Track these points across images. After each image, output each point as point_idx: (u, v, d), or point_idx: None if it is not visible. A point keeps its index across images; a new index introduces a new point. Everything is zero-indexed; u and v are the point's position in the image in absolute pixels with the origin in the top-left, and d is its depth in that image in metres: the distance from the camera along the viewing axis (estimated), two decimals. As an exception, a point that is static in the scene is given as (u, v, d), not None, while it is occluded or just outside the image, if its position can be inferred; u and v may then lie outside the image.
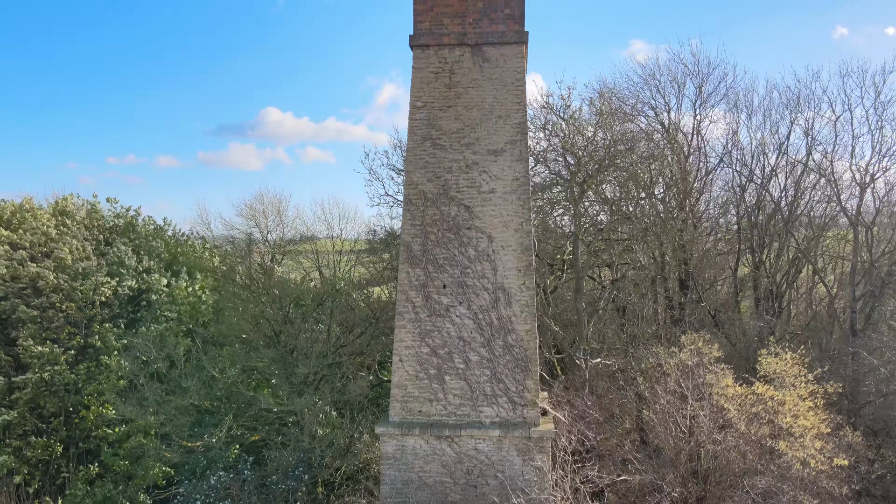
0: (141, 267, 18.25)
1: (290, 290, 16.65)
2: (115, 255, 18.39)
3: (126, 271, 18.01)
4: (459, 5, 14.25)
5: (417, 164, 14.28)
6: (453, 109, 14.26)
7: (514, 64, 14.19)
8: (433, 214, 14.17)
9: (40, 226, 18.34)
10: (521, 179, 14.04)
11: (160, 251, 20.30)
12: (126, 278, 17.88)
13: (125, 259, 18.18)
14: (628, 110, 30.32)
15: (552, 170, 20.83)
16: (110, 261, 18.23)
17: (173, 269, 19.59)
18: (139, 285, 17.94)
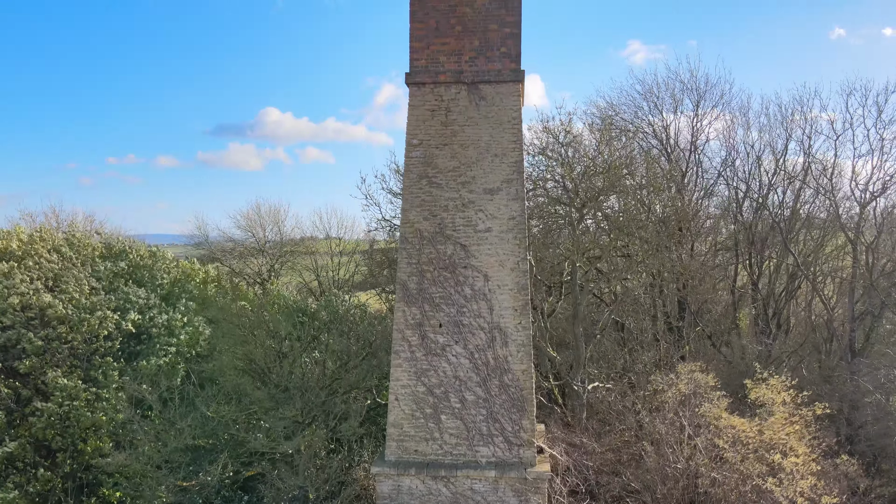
0: (146, 302, 18.26)
1: (283, 324, 16.58)
2: (123, 291, 18.43)
3: (132, 306, 18.06)
4: (456, 43, 14.22)
5: (414, 203, 14.27)
6: (449, 147, 14.24)
7: (510, 102, 14.15)
8: (429, 253, 14.16)
9: (47, 261, 18.32)
10: (518, 218, 14.02)
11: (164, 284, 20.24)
12: (131, 313, 17.93)
13: (132, 296, 18.23)
14: (628, 125, 30.41)
15: (551, 194, 20.78)
16: (118, 296, 18.29)
17: (172, 301, 19.61)
18: (142, 321, 17.98)
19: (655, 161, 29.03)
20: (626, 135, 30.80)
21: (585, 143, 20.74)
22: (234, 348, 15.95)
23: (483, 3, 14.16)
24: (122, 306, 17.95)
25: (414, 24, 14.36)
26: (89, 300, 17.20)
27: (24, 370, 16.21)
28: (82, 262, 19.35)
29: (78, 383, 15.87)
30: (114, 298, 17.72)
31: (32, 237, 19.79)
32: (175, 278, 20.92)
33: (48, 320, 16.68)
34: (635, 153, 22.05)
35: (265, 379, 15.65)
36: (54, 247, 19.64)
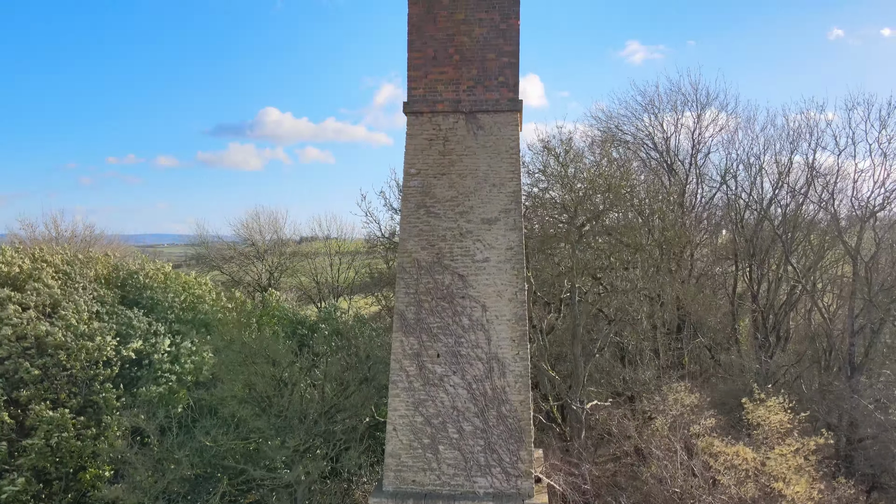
0: (149, 328, 18.17)
1: (282, 350, 16.55)
2: (126, 317, 18.35)
3: (134, 332, 18.01)
4: (453, 72, 14.19)
5: (411, 232, 14.24)
6: (447, 177, 14.21)
7: (508, 132, 14.12)
8: (427, 283, 14.14)
9: (46, 286, 18.21)
10: (515, 249, 14.00)
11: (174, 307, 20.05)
12: (133, 339, 17.88)
13: (135, 322, 18.17)
14: (628, 137, 30.38)
15: (551, 213, 20.75)
16: (120, 321, 18.23)
17: (181, 328, 19.52)
18: (144, 347, 17.93)
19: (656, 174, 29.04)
20: (627, 146, 30.84)
21: (586, 161, 20.64)
22: (235, 375, 15.93)
23: (481, 32, 14.13)
24: (123, 331, 17.90)
25: (412, 54, 14.33)
26: (89, 326, 17.16)
27: (23, 400, 16.20)
28: (83, 286, 19.25)
29: (65, 413, 15.85)
30: (115, 326, 17.64)
31: (35, 258, 19.61)
32: (186, 304, 20.71)
33: (45, 348, 16.66)
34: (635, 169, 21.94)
35: (265, 407, 15.65)
36: (55, 271, 19.51)
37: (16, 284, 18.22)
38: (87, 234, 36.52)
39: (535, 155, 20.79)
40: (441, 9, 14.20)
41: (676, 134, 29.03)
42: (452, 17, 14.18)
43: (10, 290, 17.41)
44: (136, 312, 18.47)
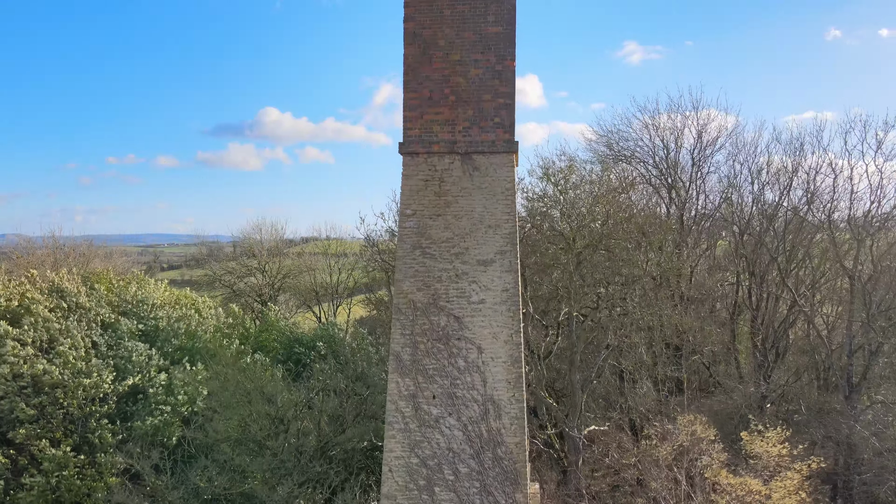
0: (147, 361, 18.10)
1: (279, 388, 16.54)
2: (125, 349, 18.30)
3: (132, 367, 17.98)
4: (449, 113, 14.17)
5: (407, 273, 14.24)
6: (443, 218, 14.20)
7: (503, 173, 14.11)
8: (423, 324, 14.14)
9: (43, 320, 18.15)
10: (511, 290, 13.99)
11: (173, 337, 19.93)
12: (130, 374, 17.85)
13: (134, 356, 18.14)
14: (628, 155, 30.37)
15: (548, 239, 20.73)
16: (118, 353, 18.20)
17: (177, 356, 19.47)
18: (141, 381, 17.90)
19: (656, 190, 29.03)
20: (627, 160, 30.82)
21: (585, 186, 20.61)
22: (231, 413, 15.93)
23: (477, 73, 14.11)
24: (121, 365, 17.89)
25: (408, 94, 14.31)
26: (86, 363, 17.15)
27: (19, 440, 16.22)
28: (79, 318, 19.20)
29: (67, 451, 15.85)
30: (112, 363, 17.60)
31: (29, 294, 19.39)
32: (186, 332, 20.55)
33: (42, 386, 16.68)
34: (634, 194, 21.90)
35: (260, 448, 15.67)
36: (51, 303, 19.43)
37: (12, 317, 18.22)
38: (86, 249, 36.48)
39: (536, 180, 20.75)
40: (437, 49, 14.18)
41: (677, 151, 29.04)
42: (448, 57, 14.16)
43: (7, 325, 17.40)
44: (135, 345, 18.42)
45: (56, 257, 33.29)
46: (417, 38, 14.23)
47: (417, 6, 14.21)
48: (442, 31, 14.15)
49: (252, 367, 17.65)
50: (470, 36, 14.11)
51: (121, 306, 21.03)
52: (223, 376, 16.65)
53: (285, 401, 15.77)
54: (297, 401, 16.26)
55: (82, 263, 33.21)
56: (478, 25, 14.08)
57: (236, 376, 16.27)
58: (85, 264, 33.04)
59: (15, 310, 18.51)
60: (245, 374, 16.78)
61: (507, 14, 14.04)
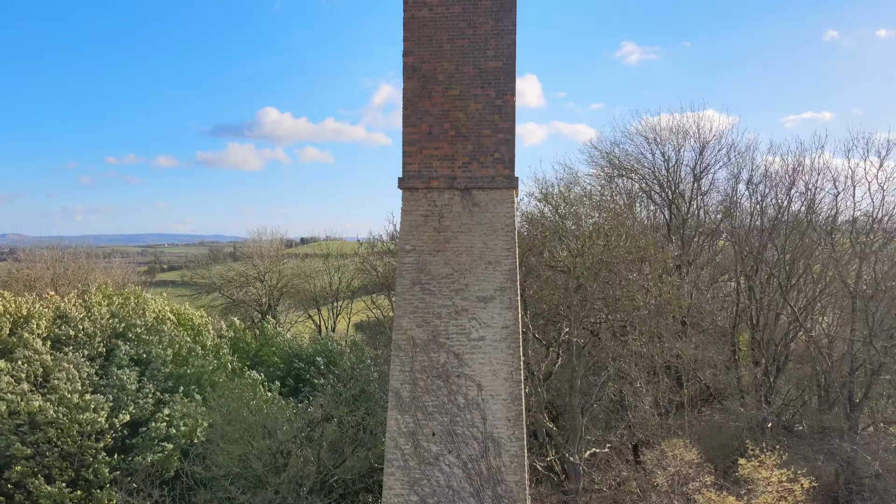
0: (141, 392, 17.93)
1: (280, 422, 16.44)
2: (116, 378, 18.12)
3: (126, 397, 17.82)
4: (448, 148, 14.07)
5: (406, 309, 14.15)
6: (443, 254, 14.11)
7: (503, 209, 14.01)
8: (422, 361, 14.06)
9: (36, 352, 17.99)
10: (511, 328, 13.91)
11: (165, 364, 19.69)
12: (126, 404, 17.67)
13: (126, 384, 17.97)
14: (629, 171, 30.28)
15: (549, 263, 20.60)
16: (111, 383, 18.04)
17: (171, 384, 19.30)
18: (138, 412, 17.74)
19: (658, 207, 28.93)
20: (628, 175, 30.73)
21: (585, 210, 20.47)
22: (231, 448, 15.83)
23: (477, 108, 14.01)
24: (115, 395, 17.76)
25: (407, 129, 14.21)
26: (82, 398, 17.03)
27: (15, 478, 16.11)
28: (76, 345, 19.06)
29: (63, 488, 15.74)
30: (110, 397, 17.42)
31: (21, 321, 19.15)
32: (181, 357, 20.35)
33: (37, 424, 16.57)
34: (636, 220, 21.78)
35: (261, 483, 15.58)
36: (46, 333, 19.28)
37: (4, 350, 18.07)
38: (86, 261, 36.34)
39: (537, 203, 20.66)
40: (436, 84, 14.07)
41: (678, 166, 28.95)
42: (447, 92, 14.06)
43: (1, 362, 17.22)
44: (128, 373, 18.26)
45: (55, 271, 33.19)
46: (416, 72, 14.13)
47: (416, 40, 14.10)
48: (441, 65, 14.05)
49: (252, 397, 17.51)
50: (469, 70, 14.01)
51: (117, 330, 20.87)
52: (224, 408, 16.54)
53: (286, 434, 15.69)
54: (298, 432, 16.16)
55: (81, 277, 33.12)
56: (477, 60, 13.98)
57: (238, 409, 16.15)
58: (84, 278, 32.93)
59: (7, 340, 18.36)
60: (246, 404, 16.65)
61: (506, 49, 13.93)
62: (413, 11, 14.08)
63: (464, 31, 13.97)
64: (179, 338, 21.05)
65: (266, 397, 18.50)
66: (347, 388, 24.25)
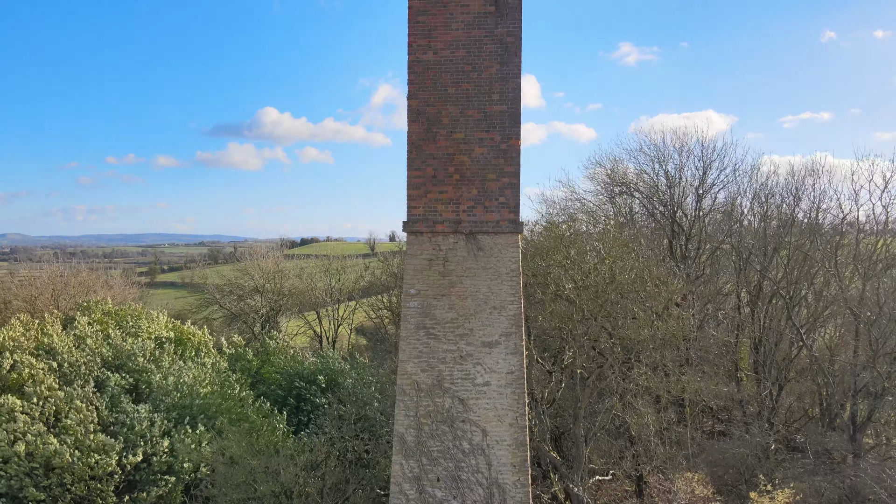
0: (150, 433, 17.73)
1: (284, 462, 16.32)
2: (124, 415, 17.92)
3: (135, 437, 17.65)
4: (453, 192, 13.99)
5: (411, 354, 14.10)
6: (447, 298, 14.05)
7: (508, 254, 13.94)
8: (427, 405, 14.01)
9: (49, 389, 17.76)
10: (516, 373, 13.85)
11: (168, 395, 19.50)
12: (136, 443, 17.48)
13: (135, 423, 17.83)
14: (631, 188, 30.19)
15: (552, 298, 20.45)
16: (121, 419, 17.90)
17: (175, 414, 19.16)
18: (145, 448, 17.59)
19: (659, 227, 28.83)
20: (630, 192, 30.65)
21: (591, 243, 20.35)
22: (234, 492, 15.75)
23: (481, 152, 13.93)
24: (121, 432, 17.62)
25: (411, 172, 14.13)
26: (94, 439, 16.83)
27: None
28: (84, 379, 18.87)
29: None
30: (121, 439, 17.23)
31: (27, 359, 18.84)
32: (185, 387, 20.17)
33: (52, 467, 16.42)
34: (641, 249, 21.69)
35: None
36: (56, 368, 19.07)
37: (13, 386, 17.95)
38: (87, 276, 36.25)
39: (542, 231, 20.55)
40: (441, 128, 13.99)
41: (681, 187, 28.87)
42: (452, 136, 13.98)
43: (15, 398, 17.07)
44: (136, 410, 18.13)
45: (55, 286, 33.10)
46: (421, 115, 14.04)
47: (421, 84, 14.01)
48: (446, 108, 13.97)
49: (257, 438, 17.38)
50: (474, 114, 13.92)
51: (114, 362, 20.74)
52: (229, 451, 16.45)
53: (290, 473, 15.64)
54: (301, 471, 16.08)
55: (83, 293, 33.02)
56: (482, 104, 13.89)
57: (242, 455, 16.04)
58: (85, 294, 32.82)
59: (17, 379, 18.17)
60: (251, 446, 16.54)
61: (511, 93, 13.84)
62: (418, 55, 13.99)
63: (468, 74, 13.88)
64: (182, 365, 20.95)
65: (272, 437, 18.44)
66: (348, 409, 24.22)
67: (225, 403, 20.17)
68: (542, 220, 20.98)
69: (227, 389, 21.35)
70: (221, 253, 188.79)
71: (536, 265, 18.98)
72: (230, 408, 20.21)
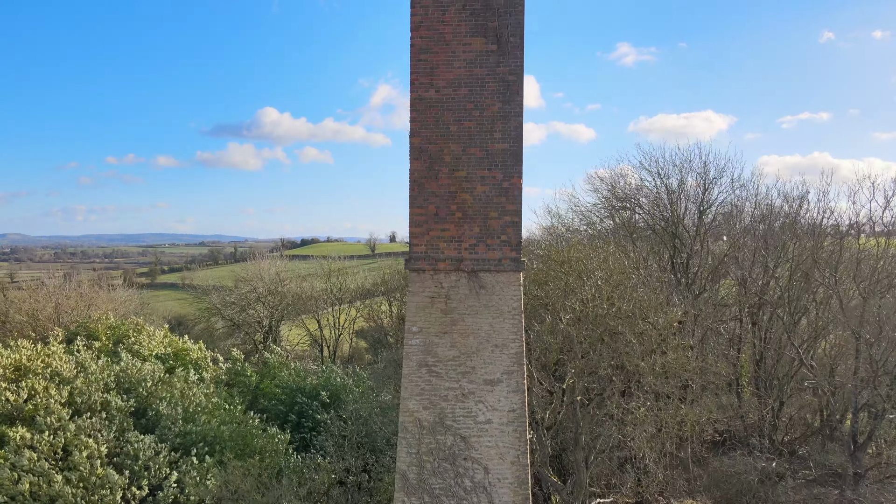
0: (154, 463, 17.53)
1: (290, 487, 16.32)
2: (130, 446, 17.73)
3: (140, 469, 17.50)
4: (455, 230, 14.00)
5: (413, 391, 14.12)
6: (449, 336, 14.07)
7: (510, 292, 13.96)
8: (429, 443, 14.04)
9: (58, 421, 17.54)
10: (518, 411, 13.88)
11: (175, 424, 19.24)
12: (141, 475, 17.30)
13: (140, 453, 17.69)
14: (632, 199, 30.19)
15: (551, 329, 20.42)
16: (126, 451, 17.74)
17: (179, 441, 19.01)
18: (150, 480, 17.45)
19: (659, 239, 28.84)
20: (632, 206, 30.64)
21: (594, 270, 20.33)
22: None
23: (483, 190, 13.93)
24: (126, 464, 17.53)
25: (413, 210, 14.14)
26: (103, 475, 16.68)
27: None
28: (92, 409, 18.72)
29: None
30: (126, 473, 17.14)
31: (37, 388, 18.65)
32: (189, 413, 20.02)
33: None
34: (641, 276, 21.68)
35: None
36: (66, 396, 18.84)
37: (21, 414, 17.86)
38: (88, 288, 36.28)
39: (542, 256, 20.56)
40: (443, 165, 14.00)
41: (683, 203, 28.89)
42: (454, 174, 13.98)
43: (23, 429, 16.93)
44: (139, 437, 18.04)
45: (58, 300, 33.10)
46: (423, 153, 14.05)
47: (423, 121, 14.01)
48: (448, 146, 13.97)
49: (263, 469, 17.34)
50: (476, 152, 13.92)
51: (123, 384, 20.67)
52: (232, 484, 16.44)
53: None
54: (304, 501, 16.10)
55: (84, 306, 33.03)
56: (484, 142, 13.89)
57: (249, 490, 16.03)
58: (86, 308, 32.83)
59: (31, 410, 17.97)
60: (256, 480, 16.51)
61: (513, 131, 13.84)
62: (420, 93, 13.99)
63: (471, 112, 13.88)
64: (187, 391, 20.89)
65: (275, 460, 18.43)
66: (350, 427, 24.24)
67: (228, 429, 20.13)
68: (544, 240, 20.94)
69: (229, 413, 21.32)
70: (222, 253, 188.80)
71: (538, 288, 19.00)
72: (233, 434, 20.18)
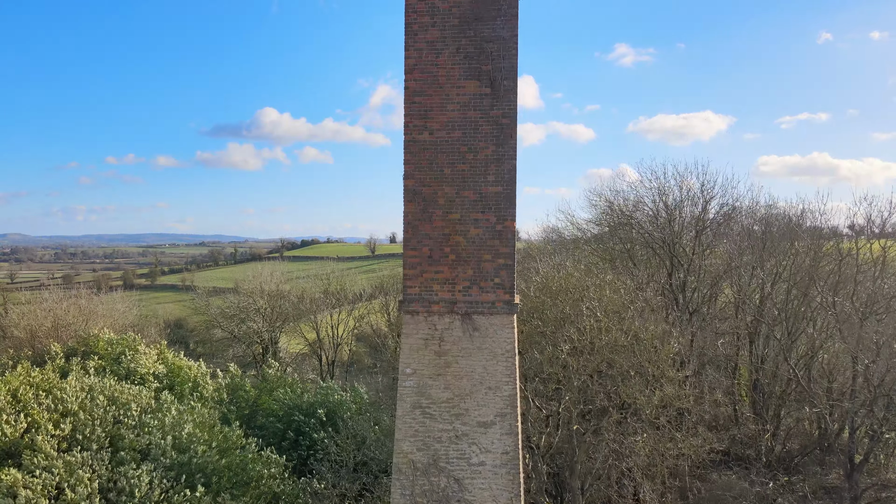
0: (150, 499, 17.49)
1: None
2: (124, 480, 17.69)
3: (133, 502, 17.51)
4: (449, 272, 14.02)
5: (407, 433, 14.16)
6: (443, 378, 14.10)
7: (504, 334, 13.98)
8: (423, 485, 14.08)
9: (45, 458, 17.53)
10: (511, 454, 13.92)
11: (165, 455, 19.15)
12: None
13: (135, 489, 17.66)
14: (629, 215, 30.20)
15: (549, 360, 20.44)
16: (120, 487, 17.72)
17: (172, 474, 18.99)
18: None
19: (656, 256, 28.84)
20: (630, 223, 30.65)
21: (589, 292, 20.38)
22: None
23: (477, 233, 13.95)
24: (120, 501, 17.56)
25: (407, 252, 14.17)
26: None
27: None
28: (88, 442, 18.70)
29: None
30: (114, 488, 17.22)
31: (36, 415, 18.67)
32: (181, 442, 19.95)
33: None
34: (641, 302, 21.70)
35: None
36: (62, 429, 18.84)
37: (13, 450, 17.91)
38: (87, 301, 36.33)
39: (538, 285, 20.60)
40: (436, 208, 14.01)
41: (681, 220, 28.89)
42: (448, 216, 13.99)
43: (16, 472, 16.86)
44: (134, 470, 18.05)
45: (56, 315, 33.14)
46: (417, 195, 14.06)
47: (417, 164, 14.03)
48: (442, 189, 13.98)
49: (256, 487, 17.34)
50: (470, 195, 13.94)
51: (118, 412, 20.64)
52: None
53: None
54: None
55: (82, 321, 33.05)
56: (478, 185, 13.91)
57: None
58: (85, 323, 32.86)
59: (20, 442, 18.04)
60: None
61: (507, 174, 13.85)
62: (414, 135, 14.00)
63: (464, 155, 13.89)
64: (179, 417, 20.87)
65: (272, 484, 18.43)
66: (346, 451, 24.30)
67: (226, 461, 20.12)
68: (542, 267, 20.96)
69: (227, 439, 21.33)
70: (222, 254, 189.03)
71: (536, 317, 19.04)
72: (230, 463, 20.19)
